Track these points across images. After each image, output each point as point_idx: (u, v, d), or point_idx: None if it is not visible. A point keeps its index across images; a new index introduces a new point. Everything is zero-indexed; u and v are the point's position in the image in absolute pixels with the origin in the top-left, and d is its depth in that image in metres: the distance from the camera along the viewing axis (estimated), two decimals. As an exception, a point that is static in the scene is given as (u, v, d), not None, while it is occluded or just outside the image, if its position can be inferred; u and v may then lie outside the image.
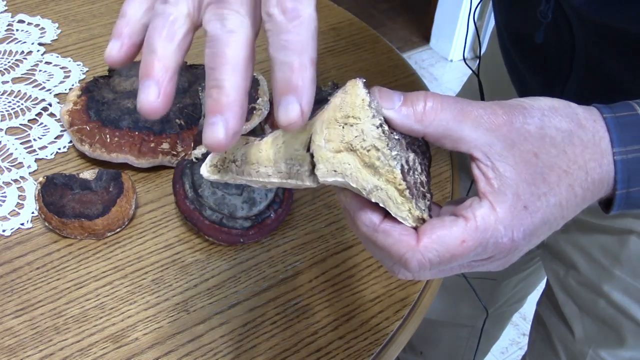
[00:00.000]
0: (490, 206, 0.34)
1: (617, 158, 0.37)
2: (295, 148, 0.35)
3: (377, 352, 0.56)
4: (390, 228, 0.35)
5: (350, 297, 0.60)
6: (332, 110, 0.34)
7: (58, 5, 0.92)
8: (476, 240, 0.34)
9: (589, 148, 0.36)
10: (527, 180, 0.34)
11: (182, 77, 0.73)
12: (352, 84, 0.34)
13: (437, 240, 0.34)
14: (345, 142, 0.34)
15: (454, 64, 2.39)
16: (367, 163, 0.34)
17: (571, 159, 0.36)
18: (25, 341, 0.54)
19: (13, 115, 0.74)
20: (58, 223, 0.61)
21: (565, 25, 0.55)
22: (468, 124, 0.34)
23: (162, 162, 0.68)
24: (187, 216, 0.62)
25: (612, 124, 0.37)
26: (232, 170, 0.37)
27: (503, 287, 0.97)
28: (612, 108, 0.38)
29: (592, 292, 0.70)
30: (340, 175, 0.34)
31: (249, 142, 0.37)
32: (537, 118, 0.35)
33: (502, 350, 1.55)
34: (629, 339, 0.69)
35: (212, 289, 0.59)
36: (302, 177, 0.35)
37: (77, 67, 0.81)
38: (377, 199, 0.34)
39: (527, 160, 0.35)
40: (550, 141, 0.35)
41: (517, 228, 0.34)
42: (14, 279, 0.59)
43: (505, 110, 0.35)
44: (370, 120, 0.33)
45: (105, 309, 0.57)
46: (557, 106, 0.37)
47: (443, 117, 0.34)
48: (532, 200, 0.35)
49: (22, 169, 0.68)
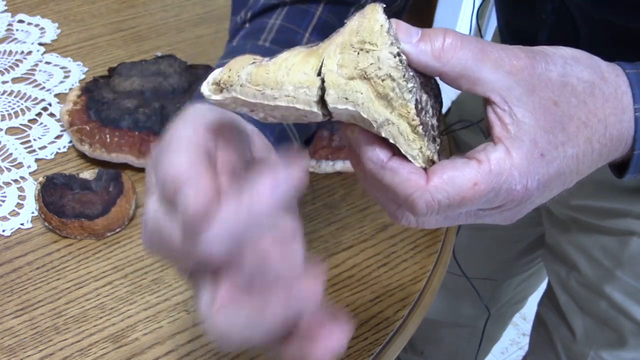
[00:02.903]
0: (505, 150, 0.33)
1: (638, 115, 0.35)
2: (305, 71, 0.33)
3: (377, 352, 0.56)
4: (398, 166, 0.33)
5: (350, 297, 0.60)
6: (347, 34, 0.32)
7: (58, 5, 0.92)
8: (489, 183, 0.32)
9: (610, 102, 0.35)
10: (546, 128, 0.33)
11: (182, 77, 0.73)
12: (371, 8, 0.32)
13: (447, 181, 0.32)
14: (359, 69, 0.32)
15: (454, 64, 2.39)
16: (381, 94, 0.32)
17: (591, 110, 0.34)
18: (25, 341, 0.54)
19: (13, 115, 0.74)
20: (58, 223, 0.61)
21: (570, 25, 0.55)
22: (487, 65, 0.32)
23: (162, 162, 0.68)
24: (187, 216, 0.62)
25: (635, 80, 0.36)
26: (235, 90, 0.35)
27: (504, 288, 0.97)
28: (635, 65, 0.36)
29: (593, 293, 0.70)
30: (352, 103, 0.32)
31: (256, 62, 0.35)
32: (560, 65, 0.34)
33: (502, 350, 1.55)
34: (630, 340, 0.69)
35: (212, 289, 0.59)
36: (310, 103, 0.33)
37: (77, 67, 0.81)
38: (387, 134, 0.32)
39: (547, 108, 0.33)
40: (572, 90, 0.34)
41: (532, 176, 0.33)
42: (14, 279, 0.59)
43: (528, 54, 0.33)
44: (388, 48, 0.32)
45: (105, 309, 0.57)
46: (579, 56, 0.35)
47: (462, 56, 0.32)
48: (549, 149, 0.33)
49: (22, 169, 0.68)
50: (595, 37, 0.54)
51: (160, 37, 0.87)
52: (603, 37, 0.53)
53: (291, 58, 0.34)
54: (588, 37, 0.54)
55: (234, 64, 0.35)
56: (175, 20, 0.91)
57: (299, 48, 0.35)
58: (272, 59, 0.34)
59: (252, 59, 0.35)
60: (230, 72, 0.35)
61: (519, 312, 1.09)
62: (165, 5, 0.94)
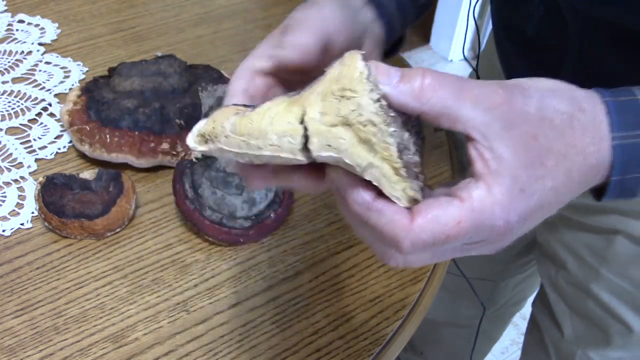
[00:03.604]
0: (487, 187, 0.33)
1: (615, 143, 0.36)
2: (288, 120, 0.34)
3: (377, 352, 0.56)
4: (383, 207, 0.33)
5: (350, 297, 0.60)
6: (328, 83, 0.33)
7: (58, 5, 0.92)
8: (472, 221, 0.33)
9: (589, 131, 0.35)
10: (525, 162, 0.34)
11: (182, 77, 0.73)
12: (350, 56, 0.33)
13: (432, 220, 0.33)
14: (341, 115, 0.32)
15: (454, 64, 2.39)
16: (363, 139, 0.32)
17: (570, 142, 0.35)
18: (25, 341, 0.54)
19: (13, 115, 0.74)
20: (58, 223, 0.61)
21: (558, 18, 0.55)
22: (466, 103, 0.33)
23: (162, 162, 0.68)
24: (187, 216, 0.62)
25: (613, 108, 0.36)
26: (220, 141, 0.35)
27: (502, 288, 0.97)
28: (613, 92, 0.37)
29: (580, 292, 0.70)
30: (335, 150, 0.33)
31: (240, 113, 0.35)
32: (536, 99, 0.35)
33: (502, 350, 1.55)
34: (615, 339, 0.69)
35: (212, 289, 0.59)
36: (294, 151, 0.34)
37: (77, 67, 0.81)
38: (371, 177, 0.33)
39: (526, 142, 0.34)
40: (550, 123, 0.34)
41: (513, 211, 0.33)
42: (14, 279, 0.59)
43: (505, 89, 0.34)
44: (368, 94, 0.32)
45: (105, 309, 0.57)
46: (556, 88, 0.36)
47: (441, 95, 0.33)
48: (530, 183, 0.34)
49: (22, 169, 0.68)
50: (585, 33, 0.54)
51: (160, 37, 0.88)
52: (592, 32, 0.53)
53: (274, 107, 0.34)
54: (577, 32, 0.54)
55: (217, 115, 0.36)
56: (175, 20, 0.91)
57: (281, 97, 0.36)
58: (256, 109, 0.35)
59: (236, 110, 0.36)
60: (215, 124, 0.36)
61: (520, 312, 1.10)
62: (165, 5, 0.94)
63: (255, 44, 0.44)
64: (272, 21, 0.91)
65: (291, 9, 0.46)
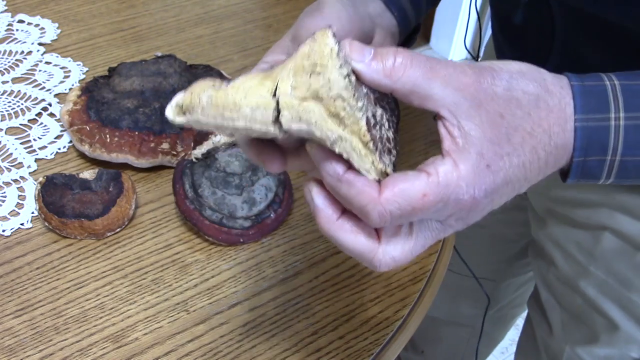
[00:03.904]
0: (453, 163, 0.34)
1: (577, 125, 0.38)
2: (261, 94, 0.35)
3: (377, 352, 0.56)
4: (353, 179, 0.35)
5: (350, 297, 0.60)
6: (300, 58, 0.34)
7: (58, 5, 0.92)
8: (437, 194, 0.34)
9: (554, 113, 0.37)
10: (492, 139, 0.35)
11: (182, 77, 0.73)
12: (321, 33, 0.34)
13: (398, 193, 0.34)
14: (311, 90, 0.34)
15: (454, 63, 2.39)
16: (333, 113, 0.34)
17: (536, 121, 0.36)
18: (25, 341, 0.54)
19: (13, 115, 0.74)
20: (58, 223, 0.61)
21: (545, 8, 0.55)
22: (437, 82, 0.34)
23: (162, 162, 0.68)
24: (187, 216, 0.62)
25: (578, 91, 0.38)
26: (196, 112, 0.37)
27: (503, 289, 0.97)
28: (581, 77, 0.38)
29: (569, 289, 0.70)
30: (305, 123, 0.34)
31: (216, 86, 0.37)
32: (505, 80, 0.36)
33: (502, 350, 1.55)
34: (602, 336, 0.69)
35: (212, 289, 0.59)
36: (267, 123, 0.35)
37: (77, 67, 0.81)
38: (341, 149, 0.34)
39: (493, 121, 0.35)
40: (517, 103, 0.36)
41: (478, 186, 0.35)
42: (14, 279, 0.59)
43: (475, 70, 0.35)
44: (338, 70, 0.33)
45: (105, 309, 0.57)
46: (525, 70, 0.37)
47: (412, 74, 0.34)
48: (495, 159, 0.35)
49: (22, 169, 0.68)
50: (569, 23, 0.54)
51: (160, 37, 0.88)
52: (575, 22, 0.54)
53: (248, 81, 0.36)
54: (562, 21, 0.54)
55: (195, 88, 0.37)
56: (175, 20, 0.91)
57: (255, 72, 0.37)
58: (231, 83, 0.36)
59: (212, 83, 0.37)
60: (192, 96, 0.37)
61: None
62: (165, 5, 0.94)
63: (255, 44, 0.44)
64: (272, 21, 0.91)
65: (291, 9, 0.46)
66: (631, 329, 0.66)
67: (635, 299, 0.64)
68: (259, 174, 0.64)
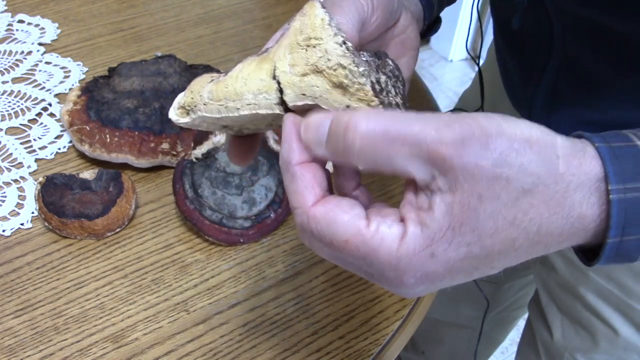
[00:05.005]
0: (398, 237, 0.30)
1: (613, 197, 0.31)
2: (260, 78, 0.35)
3: (377, 352, 0.56)
4: (299, 176, 0.32)
5: (350, 297, 0.60)
6: (293, 35, 0.34)
7: (58, 5, 0.92)
8: (359, 253, 0.31)
9: (554, 200, 0.30)
10: (455, 227, 0.30)
11: (182, 77, 0.73)
12: (309, 5, 0.34)
13: (327, 219, 0.31)
14: (310, 64, 0.33)
15: (454, 64, 2.39)
16: (336, 83, 0.33)
17: (523, 209, 0.30)
18: (25, 341, 0.54)
19: (13, 115, 0.74)
20: (58, 223, 0.61)
21: (543, 13, 0.55)
22: (401, 156, 0.30)
23: (162, 162, 0.68)
24: (187, 216, 0.62)
25: (608, 157, 0.31)
26: (200, 110, 0.36)
27: (505, 291, 0.97)
28: (604, 137, 0.32)
29: (569, 294, 0.70)
30: (310, 98, 0.33)
31: (214, 80, 0.36)
32: (498, 152, 0.29)
33: (502, 350, 1.55)
34: (601, 342, 0.69)
35: (212, 289, 0.59)
36: (272, 106, 0.34)
37: (77, 67, 0.81)
38: None
39: (466, 203, 0.29)
40: (504, 184, 0.29)
41: (410, 272, 0.30)
42: (14, 279, 0.59)
43: (459, 134, 0.29)
44: (333, 39, 0.33)
45: (105, 309, 0.57)
46: (535, 139, 0.30)
47: (368, 153, 0.30)
48: (447, 250, 0.30)
49: (22, 169, 0.68)
50: (567, 28, 0.54)
51: (160, 37, 0.88)
52: (573, 27, 0.53)
53: (245, 68, 0.35)
54: (560, 26, 0.54)
55: (193, 86, 0.37)
56: (175, 20, 0.91)
57: (251, 58, 0.36)
58: (229, 73, 0.36)
59: (210, 77, 0.37)
60: (193, 94, 0.37)
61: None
62: (165, 5, 0.94)
63: (255, 44, 0.44)
64: (272, 21, 0.91)
65: (291, 9, 0.46)
66: (631, 336, 0.66)
67: (635, 306, 0.64)
68: (259, 174, 0.64)
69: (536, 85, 0.59)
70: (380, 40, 0.45)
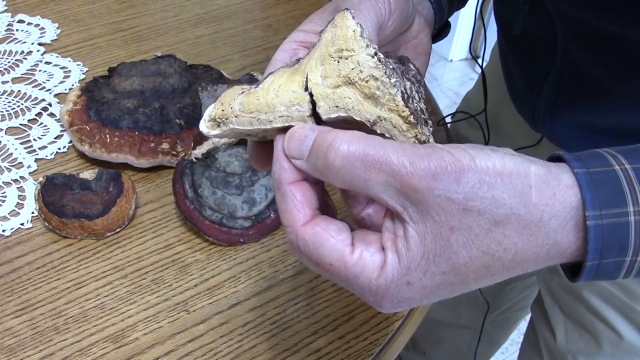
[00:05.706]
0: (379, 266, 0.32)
1: (590, 223, 0.31)
2: (292, 90, 0.35)
3: (377, 352, 0.56)
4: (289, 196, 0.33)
5: (350, 297, 0.60)
6: (324, 46, 0.34)
7: (58, 5, 0.92)
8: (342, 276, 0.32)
9: (528, 230, 0.31)
10: (428, 257, 0.31)
11: (182, 77, 0.73)
12: (340, 16, 0.34)
13: (315, 240, 0.32)
14: (342, 76, 0.33)
15: (454, 64, 2.39)
16: (368, 94, 0.33)
17: (496, 239, 0.31)
18: (25, 341, 0.54)
19: (13, 115, 0.74)
20: (58, 223, 0.61)
21: (546, 18, 0.55)
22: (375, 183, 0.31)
23: (162, 162, 0.68)
24: (187, 216, 0.62)
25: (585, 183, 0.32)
26: (231, 122, 0.36)
27: (507, 292, 0.97)
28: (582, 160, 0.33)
29: (573, 297, 0.70)
30: (343, 110, 0.34)
31: (245, 92, 0.36)
32: (470, 186, 0.30)
33: (502, 350, 1.55)
34: (605, 345, 0.68)
35: (212, 289, 0.59)
36: (304, 118, 0.34)
37: (77, 67, 0.81)
38: (382, 130, 0.33)
39: (439, 234, 0.31)
40: (475, 216, 0.31)
41: (388, 298, 0.32)
42: (14, 279, 0.59)
43: (431, 169, 0.30)
44: (365, 50, 0.33)
45: (105, 309, 0.57)
46: (508, 172, 0.31)
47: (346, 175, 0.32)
48: (422, 278, 0.32)
49: (22, 169, 0.68)
50: (570, 33, 0.54)
51: (160, 37, 0.88)
52: (575, 32, 0.53)
53: (277, 80, 0.35)
54: (563, 31, 0.54)
55: (224, 98, 0.37)
56: (175, 20, 0.91)
57: (282, 69, 0.36)
58: (260, 85, 0.36)
59: (241, 89, 0.37)
60: (224, 106, 0.37)
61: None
62: (165, 5, 0.94)
63: (255, 44, 0.44)
64: (272, 21, 0.91)
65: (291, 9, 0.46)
66: (635, 339, 0.65)
67: (639, 309, 0.64)
68: (259, 174, 0.64)
69: (539, 90, 0.59)
70: (393, 44, 0.46)
